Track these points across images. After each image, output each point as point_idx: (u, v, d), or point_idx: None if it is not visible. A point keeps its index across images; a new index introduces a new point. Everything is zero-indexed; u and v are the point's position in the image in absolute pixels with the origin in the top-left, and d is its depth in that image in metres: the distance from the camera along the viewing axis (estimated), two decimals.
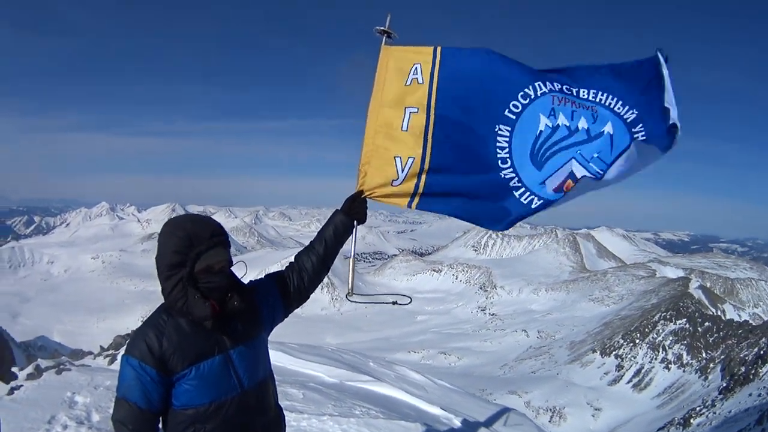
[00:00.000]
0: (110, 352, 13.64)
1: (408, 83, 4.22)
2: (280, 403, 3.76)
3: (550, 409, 60.18)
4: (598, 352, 76.71)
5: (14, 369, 12.79)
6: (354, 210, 3.74)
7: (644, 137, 3.83)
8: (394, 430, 7.25)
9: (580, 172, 3.90)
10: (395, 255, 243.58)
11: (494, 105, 4.13)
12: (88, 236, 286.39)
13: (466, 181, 4.01)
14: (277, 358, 10.78)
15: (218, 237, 2.91)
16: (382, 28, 4.32)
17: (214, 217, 3.09)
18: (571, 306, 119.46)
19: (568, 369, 74.74)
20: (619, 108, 4.01)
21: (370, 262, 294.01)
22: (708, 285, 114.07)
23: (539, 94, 4.11)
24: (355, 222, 3.74)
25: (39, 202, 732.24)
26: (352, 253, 4.12)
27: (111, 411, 6.25)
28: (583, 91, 4.12)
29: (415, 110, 4.11)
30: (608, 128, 3.98)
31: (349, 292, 4.27)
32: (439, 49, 4.24)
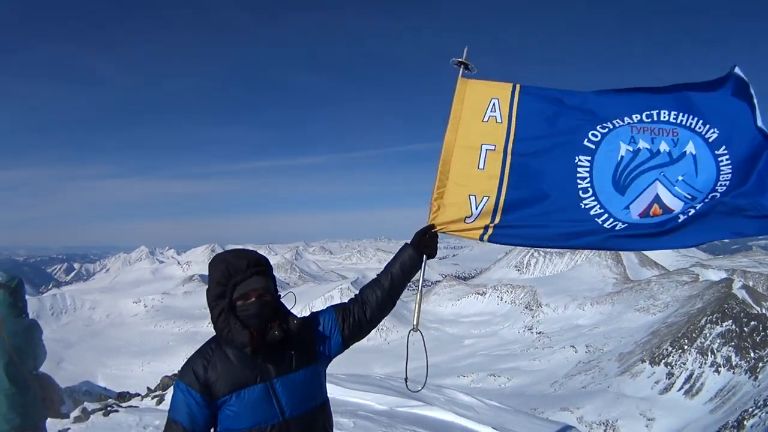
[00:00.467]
0: (158, 392, 13.62)
1: (485, 119, 4.20)
2: None
3: (603, 423, 59.76)
4: (648, 361, 76.14)
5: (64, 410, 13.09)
6: (424, 244, 3.67)
7: (728, 160, 3.83)
8: None
9: (666, 196, 3.84)
10: (439, 281, 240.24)
11: (573, 137, 4.13)
12: (129, 281, 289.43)
13: (542, 216, 3.93)
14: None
15: (255, 268, 3.01)
16: (459, 59, 4.28)
17: None
18: (617, 318, 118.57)
19: (618, 381, 74.09)
20: (699, 127, 4.00)
21: (413, 289, 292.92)
22: (751, 284, 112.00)
23: (617, 126, 4.11)
24: (424, 257, 3.67)
25: (78, 249, 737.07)
26: (420, 287, 4.04)
27: None
28: (664, 113, 4.12)
29: (492, 148, 4.10)
30: (690, 148, 3.96)
31: (414, 327, 4.03)
32: (518, 87, 4.26)
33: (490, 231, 3.91)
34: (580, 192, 3.93)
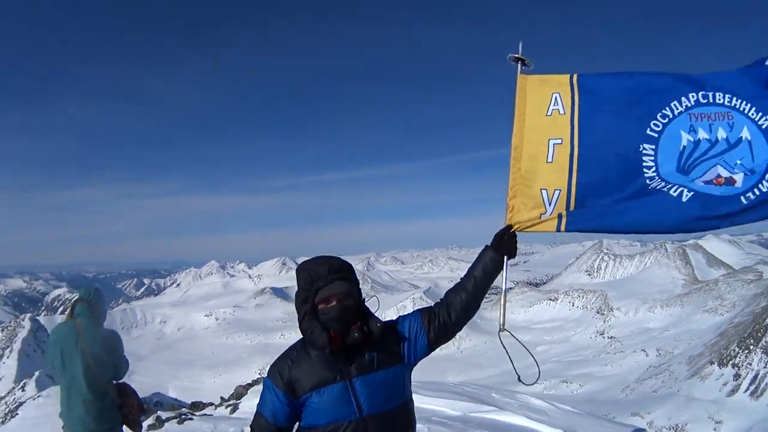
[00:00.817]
0: (231, 402, 13.71)
1: (549, 113, 4.23)
2: None
3: (673, 428, 59.45)
4: (716, 363, 74.84)
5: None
6: (504, 245, 3.73)
7: None
8: None
9: (725, 173, 3.93)
10: (511, 288, 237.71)
11: (636, 125, 4.13)
12: (200, 295, 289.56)
13: (613, 204, 3.98)
14: None
15: (336, 274, 3.19)
16: (515, 55, 4.32)
17: None
18: (686, 319, 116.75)
19: (688, 384, 73.42)
20: (753, 114, 4.06)
21: (486, 297, 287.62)
22: None
23: (677, 114, 4.12)
24: (505, 257, 3.72)
25: (147, 265, 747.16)
26: (504, 288, 4.04)
27: None
28: (719, 95, 4.16)
29: (559, 141, 4.12)
30: (745, 134, 4.01)
31: (501, 327, 4.14)
32: (575, 77, 4.31)
33: (563, 221, 3.97)
34: (647, 180, 3.97)
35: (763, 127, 4.02)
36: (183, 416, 12.15)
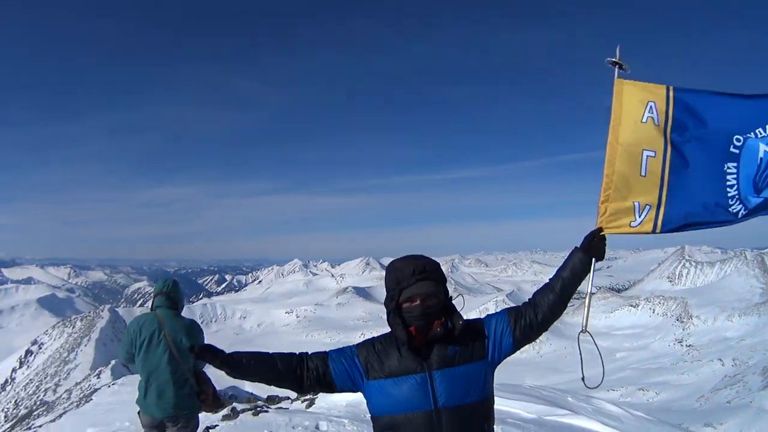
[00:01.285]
0: (308, 396, 13.44)
1: (644, 120, 4.12)
2: None
3: None
4: None
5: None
6: (593, 247, 3.65)
7: None
8: None
9: None
10: (594, 293, 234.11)
11: (722, 142, 4.04)
12: (282, 292, 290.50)
13: (696, 218, 3.96)
14: None
15: (421, 275, 3.17)
16: (613, 59, 4.26)
17: None
18: (763, 329, 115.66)
19: (761, 396, 72.47)
20: None
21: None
22: None
23: (756, 132, 4.03)
24: (593, 259, 3.63)
25: (230, 262, 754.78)
26: (589, 290, 3.99)
27: None
28: None
29: (653, 154, 4.04)
30: None
31: (583, 329, 4.08)
32: (672, 90, 4.19)
33: (659, 225, 3.96)
34: (729, 200, 3.94)
35: None
36: (258, 408, 12.15)
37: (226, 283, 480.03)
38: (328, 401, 12.18)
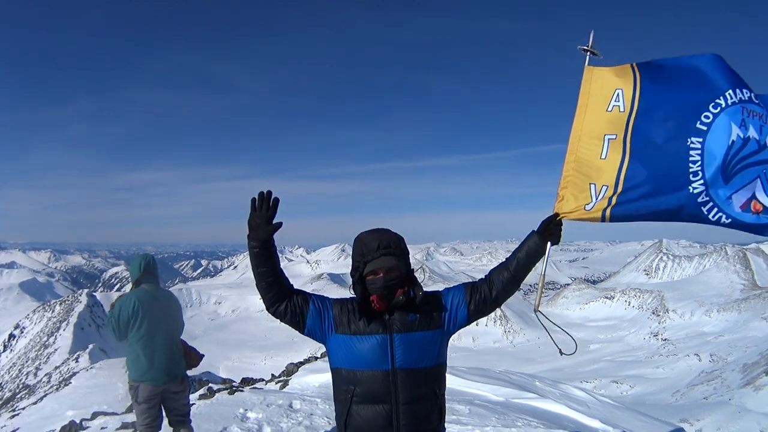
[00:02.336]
0: (282, 378, 13.86)
1: (609, 109, 4.26)
2: (446, 418, 4.90)
3: None
4: None
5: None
6: (549, 232, 3.94)
7: None
8: None
9: (761, 195, 3.92)
10: (568, 284, 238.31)
11: (687, 118, 4.11)
12: None
13: (653, 200, 4.05)
14: (446, 380, 12.61)
15: (385, 249, 3.47)
16: (585, 46, 4.40)
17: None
18: (743, 326, 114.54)
19: (740, 394, 70.26)
20: None
21: (543, 292, 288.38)
22: None
23: (730, 103, 4.09)
24: (548, 243, 3.94)
25: (206, 247, 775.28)
26: (543, 271, 4.24)
27: (282, 425, 8.99)
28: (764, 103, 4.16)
29: (614, 137, 4.17)
30: None
31: (535, 309, 4.45)
32: (636, 67, 4.33)
33: (607, 213, 4.10)
34: (691, 175, 4.00)
35: None
36: (233, 388, 12.61)
37: (201, 268, 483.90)
38: (301, 382, 12.59)
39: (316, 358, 16.09)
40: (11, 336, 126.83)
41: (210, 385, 14.51)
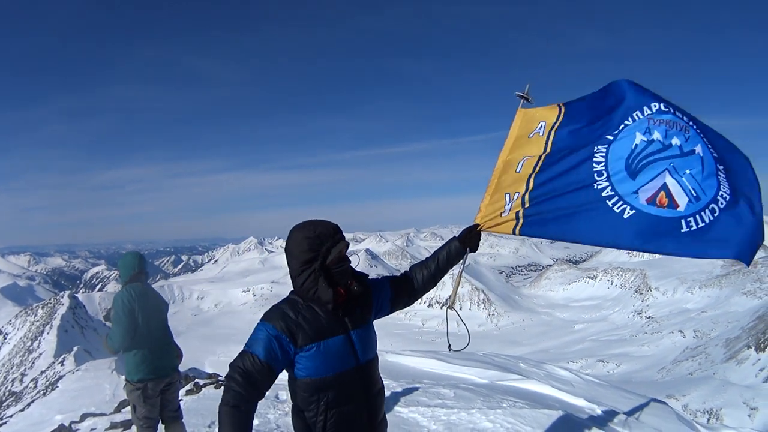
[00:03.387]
0: None
1: (530, 136, 4.68)
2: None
3: (707, 411, 58.61)
4: (753, 348, 73.62)
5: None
6: (469, 240, 4.13)
7: (726, 180, 4.09)
8: (538, 417, 7.55)
9: (674, 187, 4.02)
10: (550, 265, 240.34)
11: (596, 135, 4.47)
12: (238, 271, 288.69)
13: (561, 202, 4.23)
14: (431, 364, 12.05)
15: (340, 234, 3.46)
16: (521, 93, 4.84)
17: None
18: (725, 302, 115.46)
19: (724, 368, 72.63)
20: (706, 140, 4.26)
21: (525, 274, 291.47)
22: None
23: (637, 120, 4.38)
24: (467, 250, 4.13)
25: (185, 242, 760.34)
26: (459, 273, 4.43)
27: (269, 416, 8.75)
28: (679, 113, 4.39)
29: (530, 157, 4.54)
30: (699, 150, 4.17)
31: (449, 305, 4.45)
32: (563, 106, 4.75)
33: (520, 222, 4.29)
34: (595, 175, 4.24)
35: (714, 155, 4.21)
36: (220, 383, 12.69)
37: (182, 264, 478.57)
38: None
39: None
40: None
41: (196, 380, 14.17)
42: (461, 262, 4.20)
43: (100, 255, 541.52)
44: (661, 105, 4.42)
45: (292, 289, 3.60)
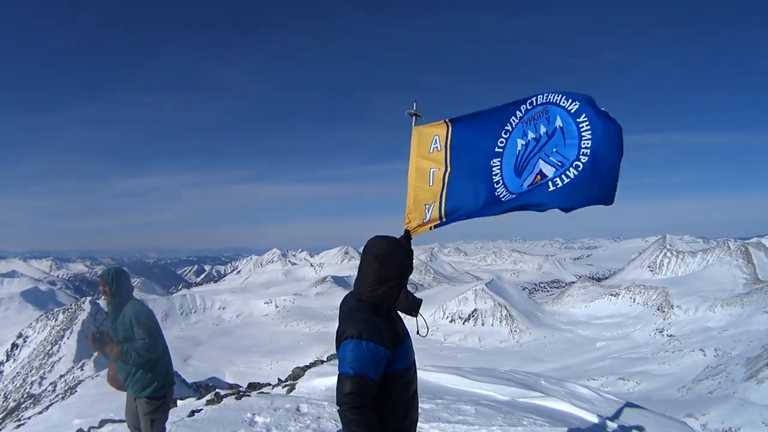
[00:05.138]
0: (289, 382, 13.78)
1: (431, 151, 5.37)
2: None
3: (726, 431, 57.84)
4: None
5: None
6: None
7: (588, 126, 4.52)
8: None
9: (544, 167, 4.67)
10: (573, 282, 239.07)
11: (489, 145, 5.16)
12: (261, 282, 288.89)
13: (468, 204, 5.03)
14: (452, 380, 12.18)
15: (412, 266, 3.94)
16: (411, 111, 5.49)
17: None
18: (746, 320, 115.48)
19: (744, 387, 71.82)
20: (563, 102, 4.73)
21: (548, 291, 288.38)
22: None
23: (515, 125, 5.05)
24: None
25: (208, 252, 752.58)
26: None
27: (290, 429, 8.50)
28: (539, 97, 4.93)
29: (437, 169, 5.25)
30: (558, 122, 4.70)
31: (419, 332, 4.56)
32: (449, 122, 5.41)
33: (436, 222, 5.11)
34: (495, 184, 4.97)
35: (572, 111, 4.66)
36: (241, 393, 12.45)
37: (205, 274, 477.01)
38: (308, 386, 12.66)
39: (323, 362, 15.74)
40: (14, 345, 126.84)
41: (217, 390, 14.22)
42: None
43: (123, 262, 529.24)
44: (527, 103, 5.01)
45: (352, 291, 3.99)
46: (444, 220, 5.07)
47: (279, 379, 15.09)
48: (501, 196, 4.85)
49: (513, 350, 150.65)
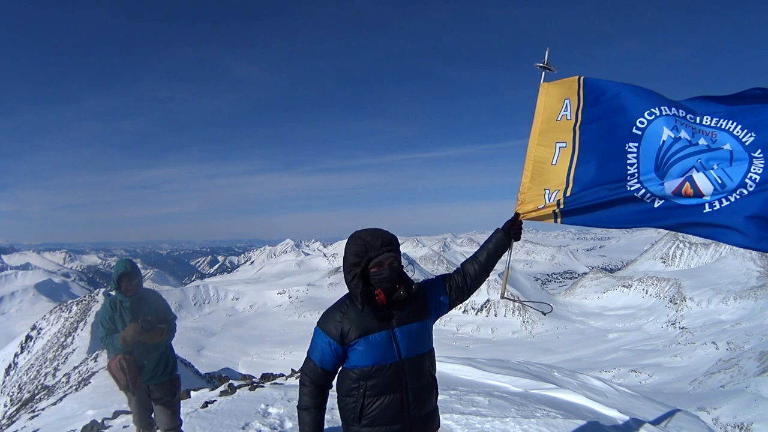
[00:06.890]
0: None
1: (559, 119, 4.73)
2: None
3: (738, 426, 57.14)
4: None
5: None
6: (513, 230, 4.38)
7: (763, 162, 4.00)
8: (571, 428, 7.60)
9: (699, 179, 4.07)
10: (585, 273, 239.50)
11: (625, 125, 4.49)
12: (274, 272, 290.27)
13: (597, 197, 4.36)
14: (465, 371, 12.20)
15: (388, 247, 3.72)
16: (541, 63, 4.84)
17: (401, 247, 3.94)
18: (759, 314, 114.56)
19: (757, 381, 70.65)
20: (737, 132, 4.23)
21: (561, 282, 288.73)
22: None
23: (663, 114, 4.43)
24: (512, 240, 4.39)
25: (222, 243, 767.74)
26: (508, 263, 4.68)
27: (256, 426, 8.26)
28: (706, 119, 4.40)
29: (564, 145, 4.62)
30: (727, 146, 4.17)
31: (502, 294, 4.90)
32: (582, 80, 4.78)
33: (559, 215, 4.51)
34: (628, 176, 4.31)
35: (747, 143, 4.14)
36: (254, 384, 12.60)
37: (218, 264, 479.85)
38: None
39: None
40: (28, 337, 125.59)
41: (230, 381, 14.39)
42: (508, 251, 4.43)
43: (136, 254, 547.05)
44: (687, 115, 4.47)
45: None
46: (564, 216, 4.51)
47: (292, 369, 15.14)
48: (644, 196, 4.25)
49: (525, 341, 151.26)
